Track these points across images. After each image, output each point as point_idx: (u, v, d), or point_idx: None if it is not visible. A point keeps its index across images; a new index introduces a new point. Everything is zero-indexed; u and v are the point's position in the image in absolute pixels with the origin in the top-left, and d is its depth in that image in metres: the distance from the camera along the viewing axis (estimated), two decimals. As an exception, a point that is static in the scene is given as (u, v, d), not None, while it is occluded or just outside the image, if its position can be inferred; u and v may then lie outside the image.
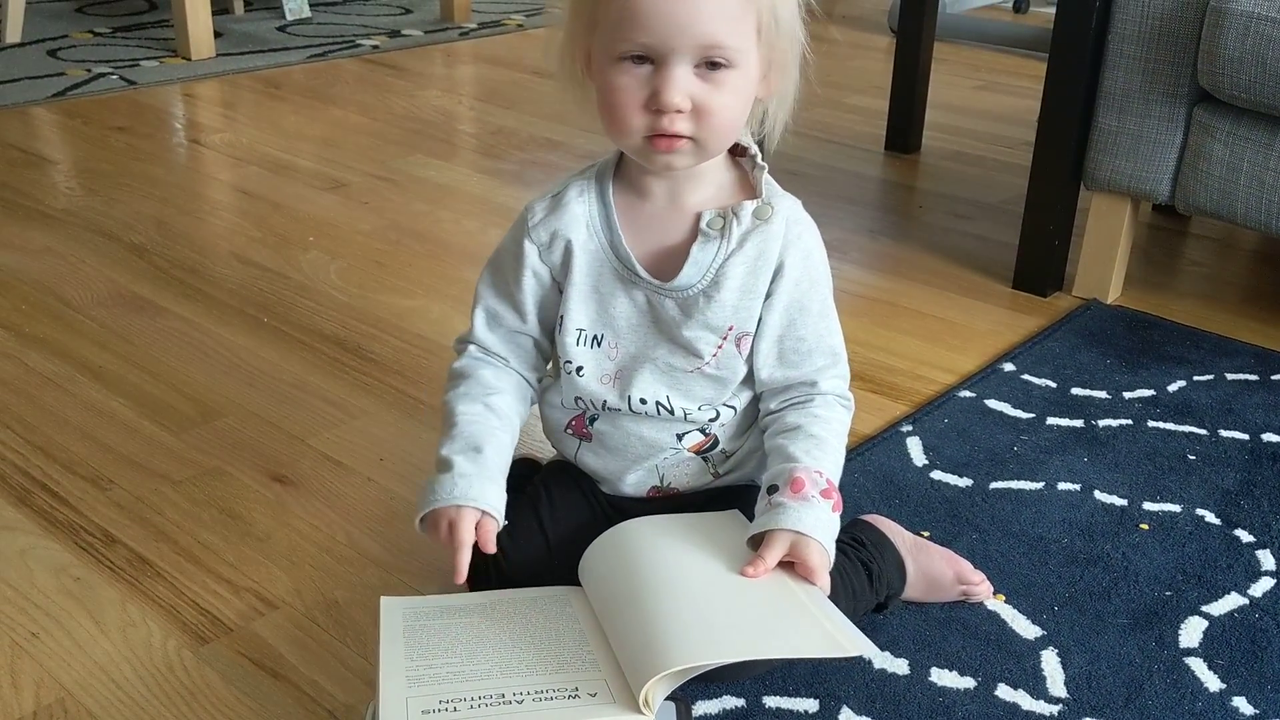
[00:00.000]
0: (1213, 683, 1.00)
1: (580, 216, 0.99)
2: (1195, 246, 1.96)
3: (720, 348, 0.99)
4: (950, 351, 1.56)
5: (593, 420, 1.04)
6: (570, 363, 1.01)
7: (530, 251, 1.01)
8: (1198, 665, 1.02)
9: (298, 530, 1.18)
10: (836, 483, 0.97)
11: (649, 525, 1.00)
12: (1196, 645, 1.04)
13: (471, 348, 1.05)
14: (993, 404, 1.42)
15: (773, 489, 0.96)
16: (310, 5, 3.30)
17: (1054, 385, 1.46)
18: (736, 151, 1.02)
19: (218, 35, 2.93)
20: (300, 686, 0.98)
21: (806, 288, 0.99)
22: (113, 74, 2.67)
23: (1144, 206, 1.82)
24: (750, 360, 1.01)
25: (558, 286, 1.02)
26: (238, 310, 1.62)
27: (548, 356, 1.07)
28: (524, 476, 1.14)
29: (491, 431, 1.00)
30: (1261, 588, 1.12)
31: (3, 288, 1.66)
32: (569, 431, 1.06)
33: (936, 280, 1.78)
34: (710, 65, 0.90)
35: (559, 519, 1.05)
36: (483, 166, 2.23)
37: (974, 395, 1.44)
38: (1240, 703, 0.98)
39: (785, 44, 0.95)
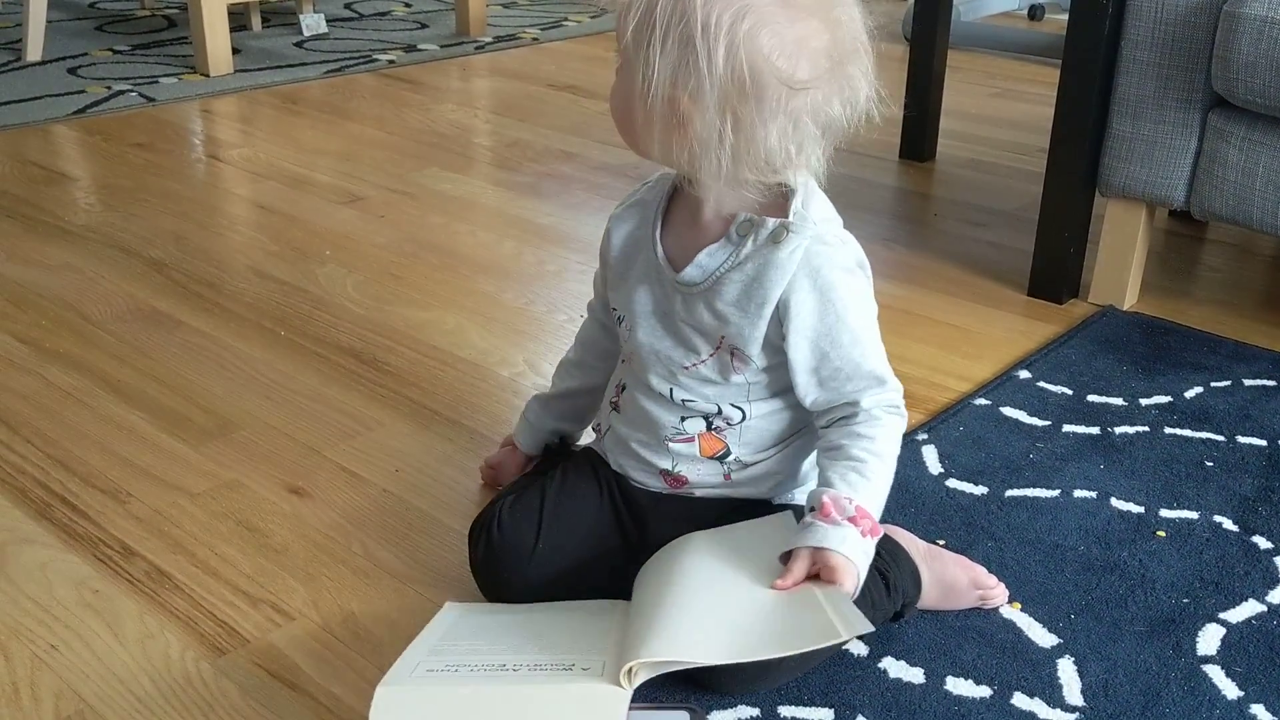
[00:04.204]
0: (1231, 690, 1.00)
1: (649, 207, 1.06)
2: (1211, 252, 1.95)
3: (714, 354, 1.01)
4: (965, 359, 1.56)
5: (623, 389, 1.09)
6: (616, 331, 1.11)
7: (605, 234, 1.10)
8: (1215, 673, 1.01)
9: (314, 542, 1.18)
10: (875, 506, 0.97)
11: (712, 534, 1.02)
12: (1214, 653, 1.04)
13: (588, 311, 1.20)
14: (1008, 411, 1.41)
15: (811, 510, 0.97)
16: (327, 21, 3.32)
17: (1070, 392, 1.46)
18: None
19: (236, 51, 2.95)
20: (317, 698, 0.98)
21: (832, 322, 0.99)
22: (132, 91, 2.69)
23: (1159, 212, 1.81)
24: (761, 381, 1.02)
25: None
26: (255, 323, 1.63)
27: None
28: (560, 454, 1.21)
29: (562, 387, 1.21)
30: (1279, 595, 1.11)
31: (23, 303, 1.68)
32: (610, 400, 1.11)
33: (952, 288, 1.77)
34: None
35: (562, 501, 1.08)
36: (498, 179, 2.24)
37: (989, 403, 1.43)
38: (1259, 710, 0.98)
39: (659, 92, 0.91)
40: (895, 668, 1.01)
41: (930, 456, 1.32)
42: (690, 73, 0.90)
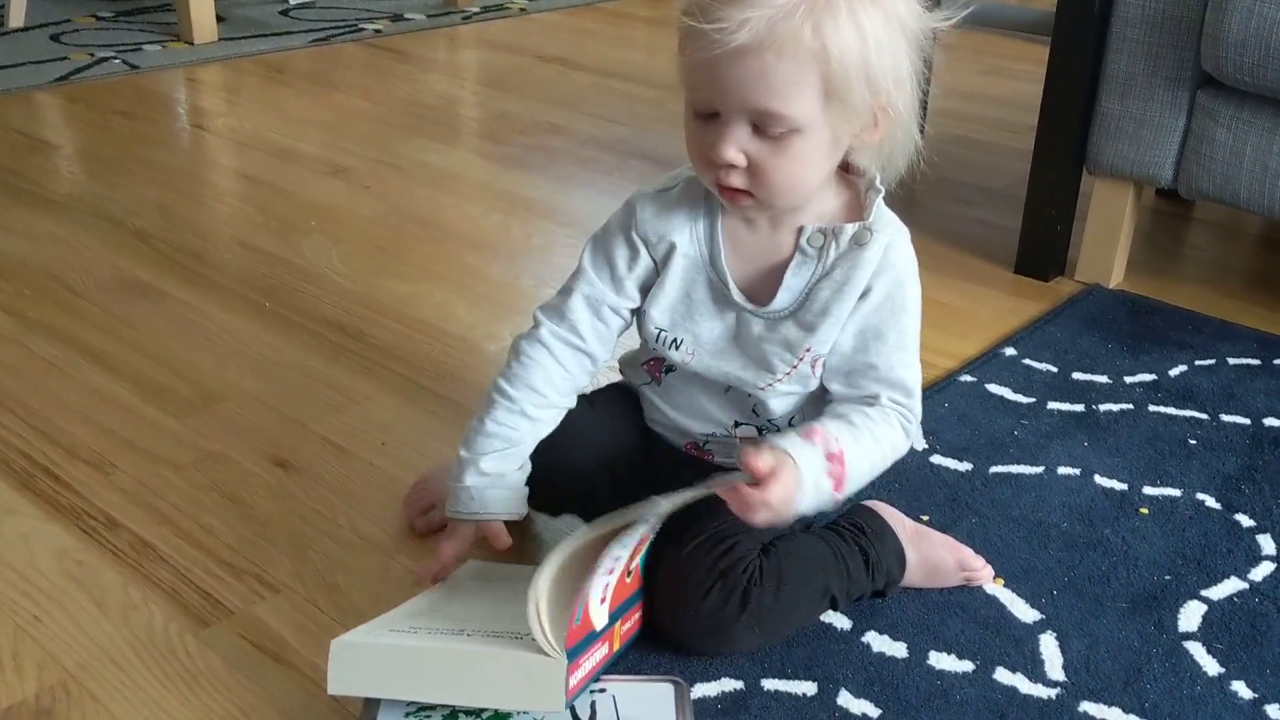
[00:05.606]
0: (1212, 667, 1.00)
1: (685, 222, 1.00)
2: (1198, 231, 1.96)
3: (795, 368, 0.99)
4: (951, 336, 1.56)
5: (668, 370, 1.05)
6: (650, 345, 1.04)
7: (638, 242, 1.01)
8: (1197, 649, 1.02)
9: (299, 514, 1.18)
10: (855, 467, 0.92)
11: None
12: (1196, 629, 1.05)
13: (545, 330, 1.04)
14: (993, 388, 1.42)
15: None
16: (313, -10, 3.29)
17: (1055, 370, 1.46)
18: (854, 170, 1.00)
19: (220, 19, 2.92)
20: (301, 670, 0.98)
21: (886, 314, 0.97)
22: (115, 58, 2.67)
23: (1147, 191, 1.81)
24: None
25: (656, 272, 1.02)
26: (240, 295, 1.62)
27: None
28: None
29: (518, 441, 1.03)
30: (1261, 572, 1.12)
31: (6, 272, 1.66)
32: (644, 367, 1.08)
33: (939, 265, 1.77)
34: (769, 127, 0.89)
35: (604, 410, 1.08)
36: (485, 151, 2.22)
37: (975, 380, 1.44)
38: (1239, 687, 0.98)
39: (878, 94, 0.91)
40: (878, 642, 1.02)
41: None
42: (904, 72, 0.93)
